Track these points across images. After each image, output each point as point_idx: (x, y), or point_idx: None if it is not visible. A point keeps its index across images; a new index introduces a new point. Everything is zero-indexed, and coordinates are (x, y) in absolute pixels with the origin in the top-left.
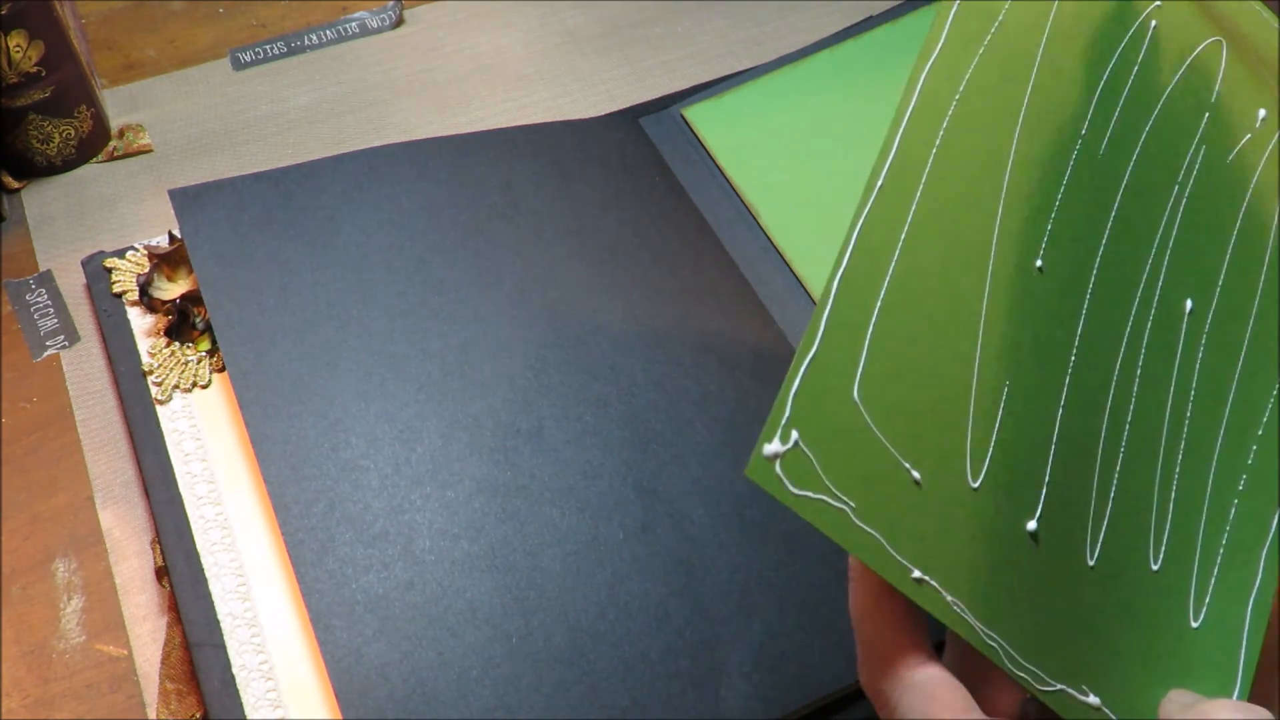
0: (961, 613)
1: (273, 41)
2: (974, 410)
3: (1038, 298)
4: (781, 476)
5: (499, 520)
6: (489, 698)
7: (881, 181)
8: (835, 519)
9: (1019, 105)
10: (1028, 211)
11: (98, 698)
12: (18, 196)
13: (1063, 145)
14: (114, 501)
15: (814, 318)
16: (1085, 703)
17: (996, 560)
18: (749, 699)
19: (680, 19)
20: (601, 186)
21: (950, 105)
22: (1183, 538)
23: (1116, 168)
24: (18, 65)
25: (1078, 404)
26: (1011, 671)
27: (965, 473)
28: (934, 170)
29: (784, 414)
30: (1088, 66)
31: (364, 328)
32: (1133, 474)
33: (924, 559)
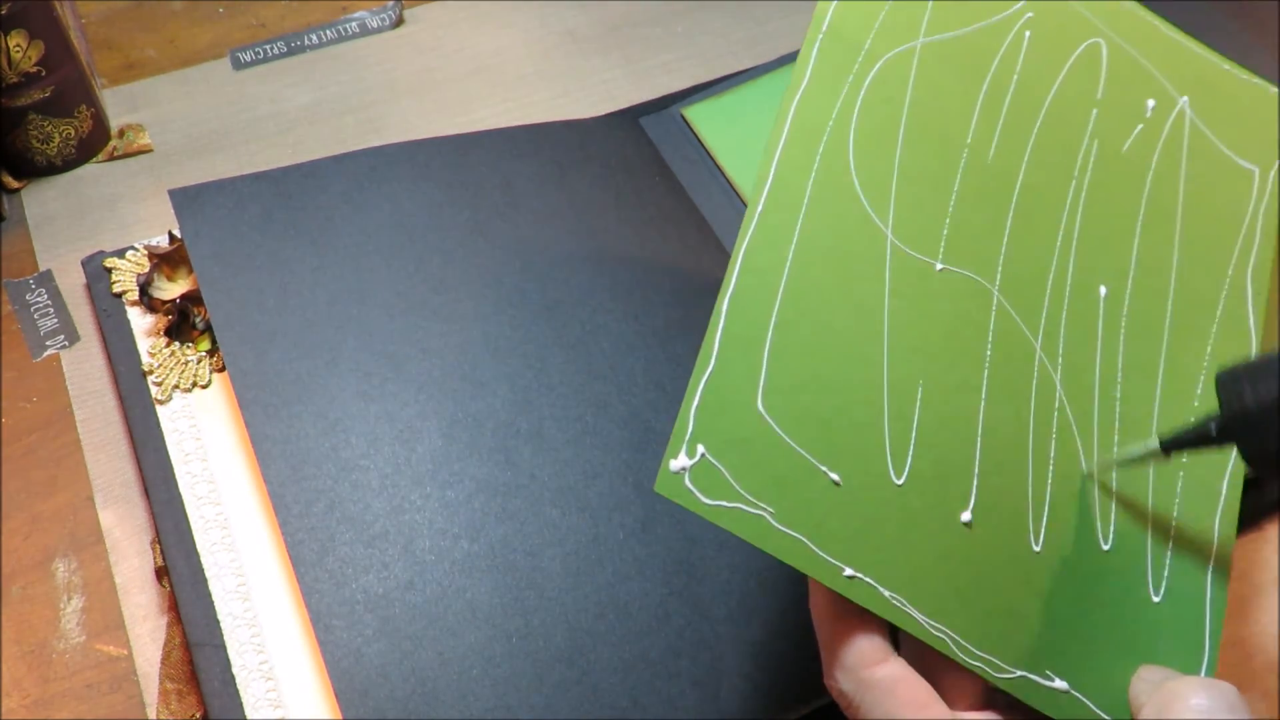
0: (903, 606)
1: (273, 41)
2: (888, 410)
3: (942, 298)
4: (692, 489)
5: (499, 520)
6: (489, 698)
7: (761, 206)
8: (754, 525)
9: (898, 121)
10: (920, 220)
11: (98, 698)
12: (18, 196)
13: (948, 155)
14: (114, 501)
15: (706, 338)
16: (1050, 688)
17: (933, 553)
18: (749, 699)
19: (680, 19)
20: (601, 186)
21: (825, 130)
22: (1131, 515)
23: (1008, 170)
24: (18, 65)
25: (1000, 395)
26: (964, 661)
27: (888, 471)
28: (815, 191)
29: (686, 430)
30: (965, 79)
31: (364, 328)
32: (1068, 458)
33: (853, 556)
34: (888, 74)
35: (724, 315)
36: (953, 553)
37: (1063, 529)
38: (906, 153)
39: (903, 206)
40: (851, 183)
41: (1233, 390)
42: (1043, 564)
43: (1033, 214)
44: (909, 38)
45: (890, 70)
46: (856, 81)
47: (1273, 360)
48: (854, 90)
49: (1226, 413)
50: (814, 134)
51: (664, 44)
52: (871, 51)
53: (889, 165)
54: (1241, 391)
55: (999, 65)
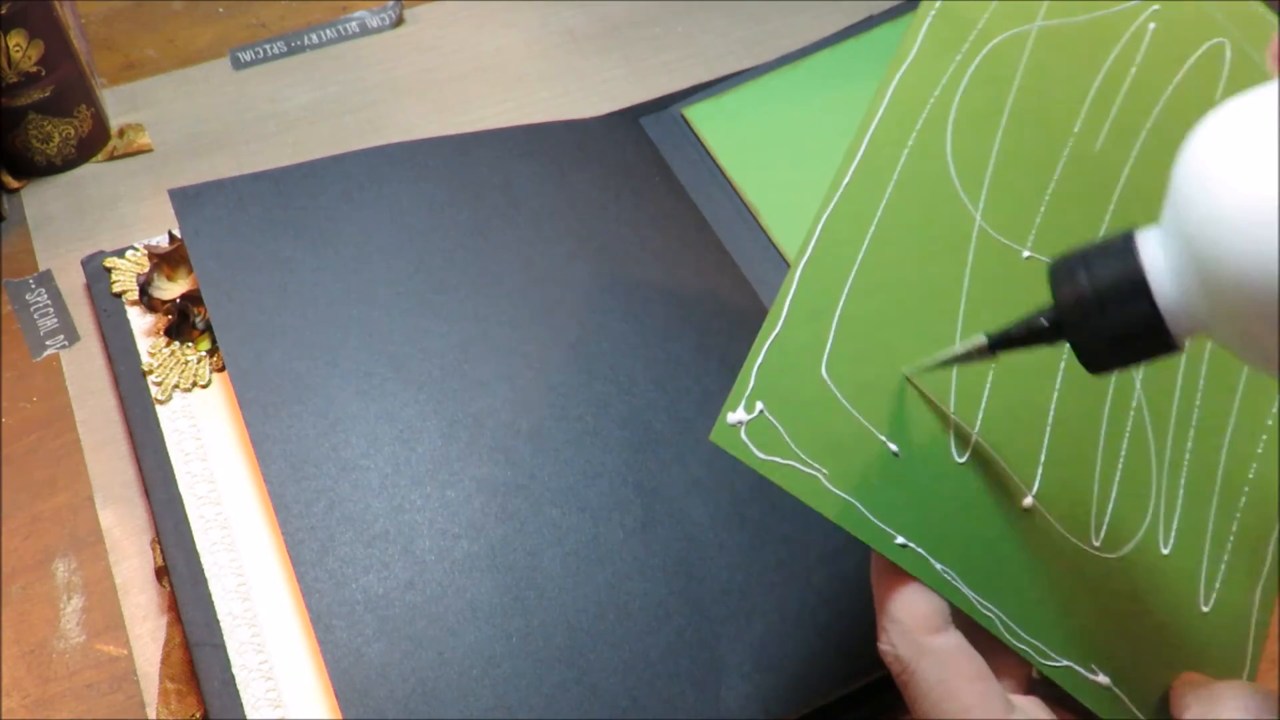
0: (954, 581)
1: (273, 41)
2: (956, 390)
3: (1025, 284)
4: (747, 442)
5: (499, 520)
6: (489, 698)
7: (849, 178)
8: (807, 484)
9: (1003, 104)
10: (1014, 205)
11: (98, 698)
12: (18, 196)
13: (1053, 142)
14: (114, 501)
15: (776, 303)
16: (1094, 681)
17: (989, 533)
18: (749, 699)
19: (680, 19)
20: (601, 186)
21: (925, 107)
22: (1193, 524)
23: (1114, 163)
24: (18, 65)
25: (1076, 388)
26: (1012, 643)
27: (949, 448)
28: (907, 166)
29: (748, 385)
30: (1079, 67)
31: (364, 328)
32: (1139, 459)
33: (907, 525)
34: (998, 55)
35: (796, 281)
36: (1010, 536)
37: (1125, 527)
38: (1008, 136)
39: (997, 190)
40: (945, 162)
41: (1066, 276)
42: (1100, 559)
43: (1134, 210)
44: (1026, 20)
45: (1002, 51)
46: (965, 60)
47: (1110, 242)
48: (961, 69)
49: (1059, 301)
50: (913, 109)
51: (664, 44)
52: (985, 31)
53: (988, 147)
54: (1076, 277)
55: (1118, 56)
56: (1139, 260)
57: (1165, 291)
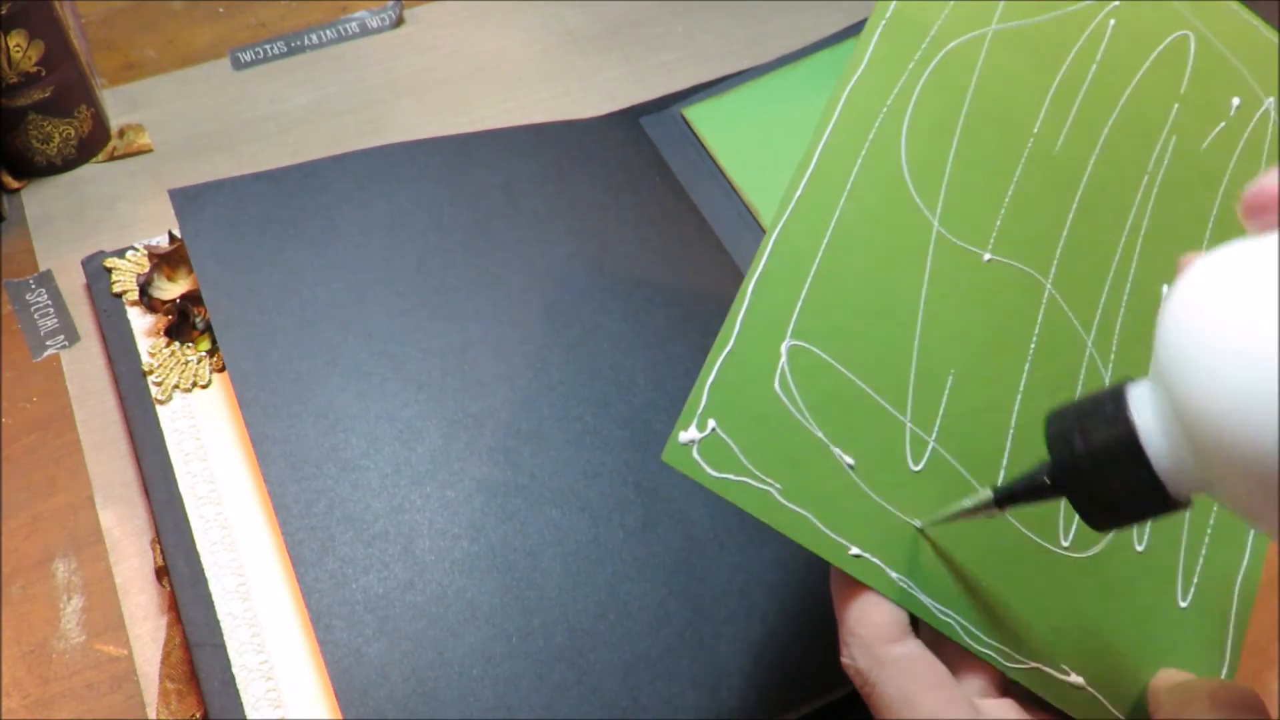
0: (910, 589)
1: (273, 41)
2: (913, 398)
3: (987, 288)
4: (699, 460)
5: (499, 520)
6: (489, 698)
7: (801, 189)
8: (760, 499)
9: (959, 109)
10: (972, 209)
11: (98, 698)
12: (18, 196)
13: (1012, 144)
14: (114, 501)
15: (729, 316)
16: (1065, 681)
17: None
18: (749, 699)
19: (680, 19)
20: (601, 186)
21: (878, 115)
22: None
23: (1076, 162)
24: (18, 65)
25: (1041, 390)
26: (973, 648)
27: (905, 457)
28: (860, 176)
29: (699, 404)
30: (1037, 68)
31: (364, 328)
32: None
33: (861, 536)
34: (953, 60)
35: (749, 295)
36: (971, 542)
37: None
38: (965, 140)
39: (954, 195)
40: (900, 169)
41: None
42: (1070, 559)
43: (1099, 207)
44: (981, 24)
45: (956, 57)
46: (918, 68)
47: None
48: (914, 76)
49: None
50: (866, 119)
51: (664, 44)
52: (938, 38)
53: (944, 153)
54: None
55: (1077, 54)
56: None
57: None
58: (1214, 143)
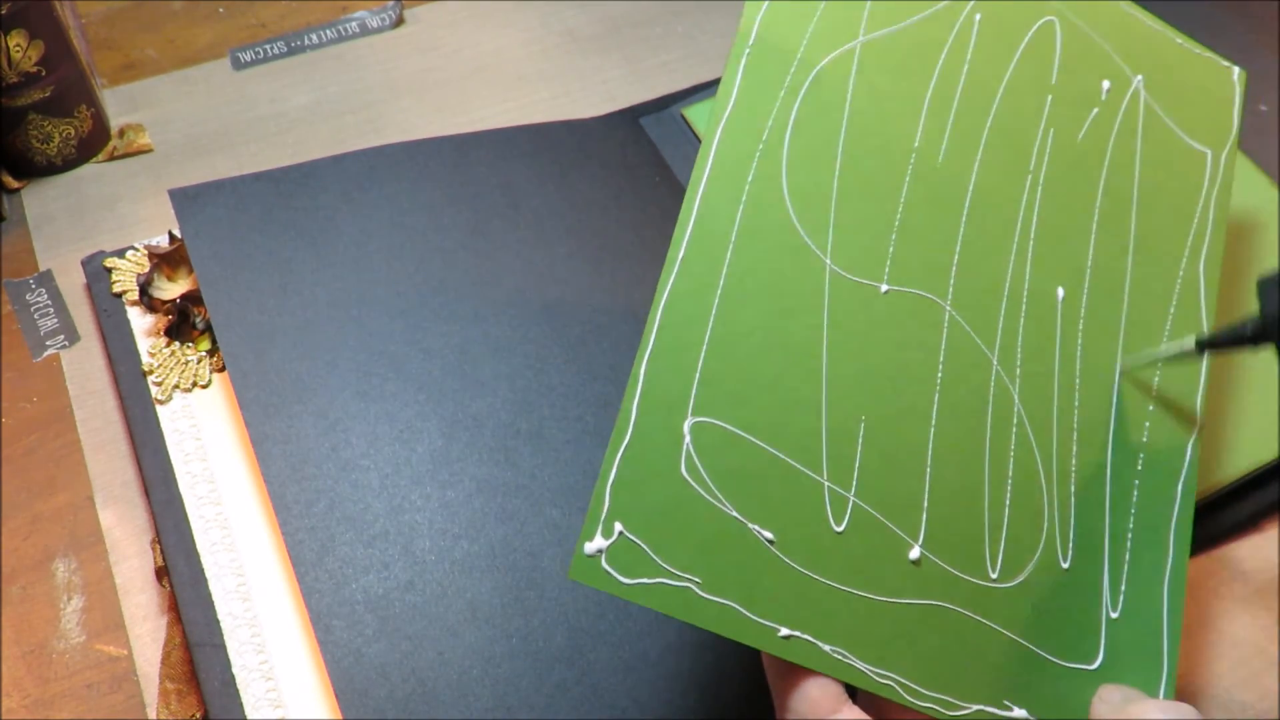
0: (845, 659)
1: (273, 41)
2: (828, 455)
3: (887, 323)
4: (609, 570)
5: (499, 520)
6: (489, 698)
7: (683, 253)
8: (679, 598)
9: (836, 134)
10: (864, 238)
11: (98, 698)
12: (18, 196)
13: (894, 164)
14: (114, 501)
15: (624, 405)
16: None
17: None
18: (749, 699)
19: (680, 19)
20: (601, 186)
21: (754, 155)
22: (1088, 529)
23: (960, 171)
24: (18, 65)
25: (952, 419)
26: (914, 705)
27: (827, 520)
28: (744, 224)
29: (603, 508)
30: (910, 77)
31: (364, 328)
32: (1026, 476)
33: (789, 616)
34: (824, 81)
35: (642, 379)
36: (900, 594)
37: (1021, 551)
38: (847, 166)
39: (844, 228)
40: (785, 209)
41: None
42: (1000, 591)
43: (987, 216)
44: (848, 38)
45: (827, 76)
46: (789, 95)
47: None
48: (787, 104)
49: (1266, 315)
50: (742, 162)
51: (664, 44)
52: (806, 59)
53: (827, 184)
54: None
55: (948, 56)
56: None
57: None
58: (1089, 131)
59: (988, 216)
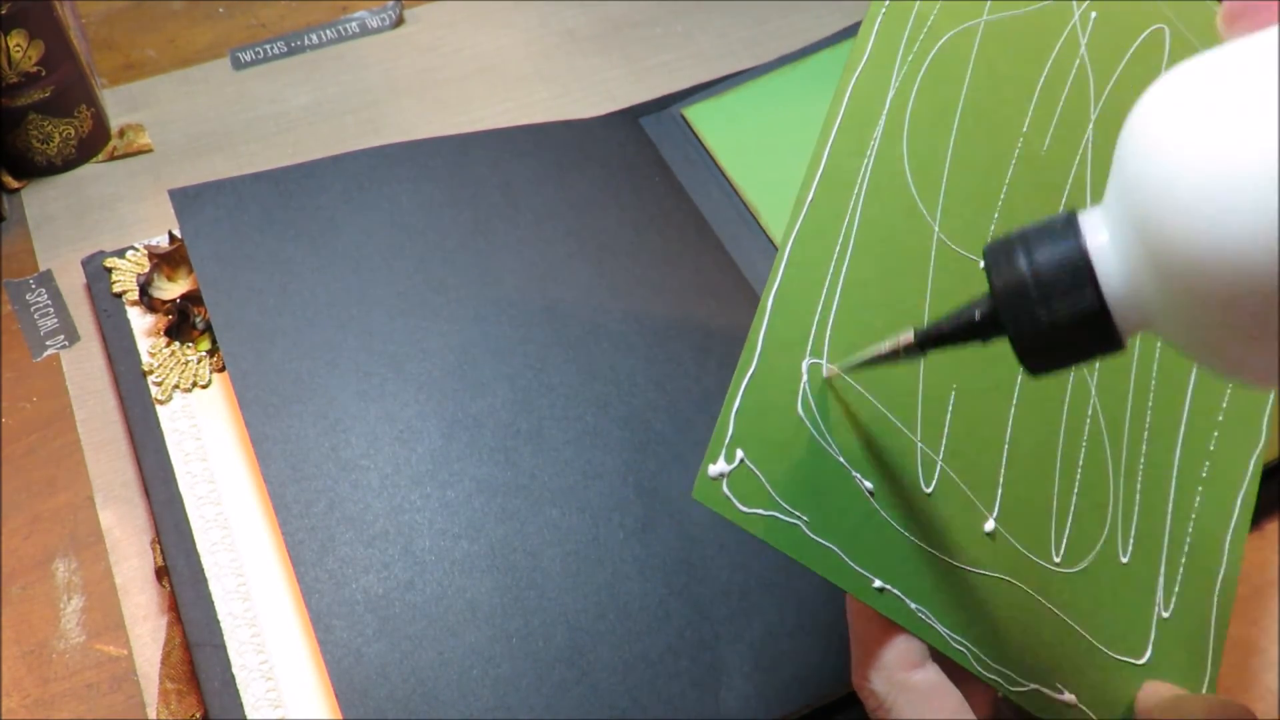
0: (927, 619)
1: (273, 41)
2: (921, 416)
3: None
4: (729, 496)
5: (499, 520)
6: (489, 698)
7: (812, 195)
8: (789, 534)
9: (955, 106)
10: (969, 213)
11: (98, 698)
12: (18, 196)
13: (1002, 145)
14: (114, 501)
15: (750, 336)
16: (1059, 700)
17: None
18: (749, 699)
19: (680, 19)
20: (601, 186)
21: (881, 114)
22: (1150, 528)
23: (1062, 163)
24: (18, 65)
25: (1032, 403)
26: (981, 674)
27: (918, 479)
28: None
29: (726, 433)
30: (1025, 63)
31: (364, 328)
32: (1096, 467)
33: (883, 568)
34: (949, 52)
35: (769, 313)
36: (976, 563)
37: (1084, 540)
38: (961, 140)
39: (953, 199)
40: (904, 171)
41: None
42: (1061, 575)
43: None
44: (974, 14)
45: (952, 48)
46: (917, 59)
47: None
48: (914, 69)
49: (996, 287)
50: (870, 116)
51: (664, 44)
52: (935, 27)
53: (942, 154)
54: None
55: (1062, 47)
56: (1082, 239)
57: (1111, 274)
58: None
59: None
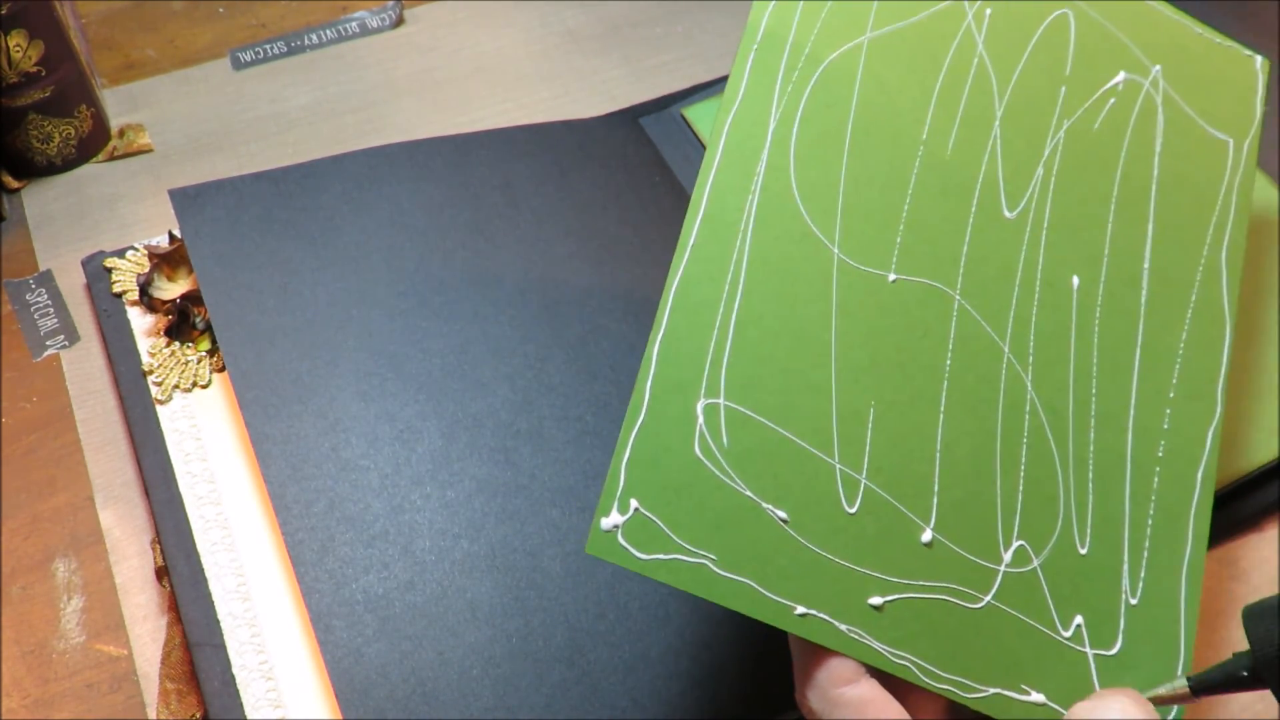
0: (860, 638)
1: (273, 41)
2: (838, 438)
3: (895, 311)
4: (626, 546)
5: (499, 520)
6: (489, 698)
7: (694, 238)
8: (695, 575)
9: (844, 127)
10: (871, 230)
11: (98, 698)
12: (18, 196)
13: (901, 156)
14: (114, 501)
15: (636, 387)
16: (1026, 702)
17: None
18: (749, 699)
19: (680, 19)
20: (601, 186)
21: (763, 148)
22: (1107, 516)
23: (969, 163)
24: (18, 65)
25: (961, 406)
26: (930, 686)
27: (839, 501)
28: (755, 214)
29: (618, 485)
30: (918, 71)
31: (364, 328)
32: (1041, 461)
33: (804, 594)
34: (831, 76)
35: (655, 360)
36: (913, 575)
37: (1036, 536)
38: (855, 158)
39: (851, 218)
40: (793, 199)
41: (1261, 629)
42: (1014, 575)
43: (997, 207)
44: (855, 34)
45: (834, 72)
46: (797, 89)
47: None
48: (794, 98)
49: (1257, 654)
50: (752, 152)
51: (664, 44)
52: (813, 55)
53: (835, 175)
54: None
55: (957, 49)
56: None
57: None
58: (1106, 120)
59: (999, 207)
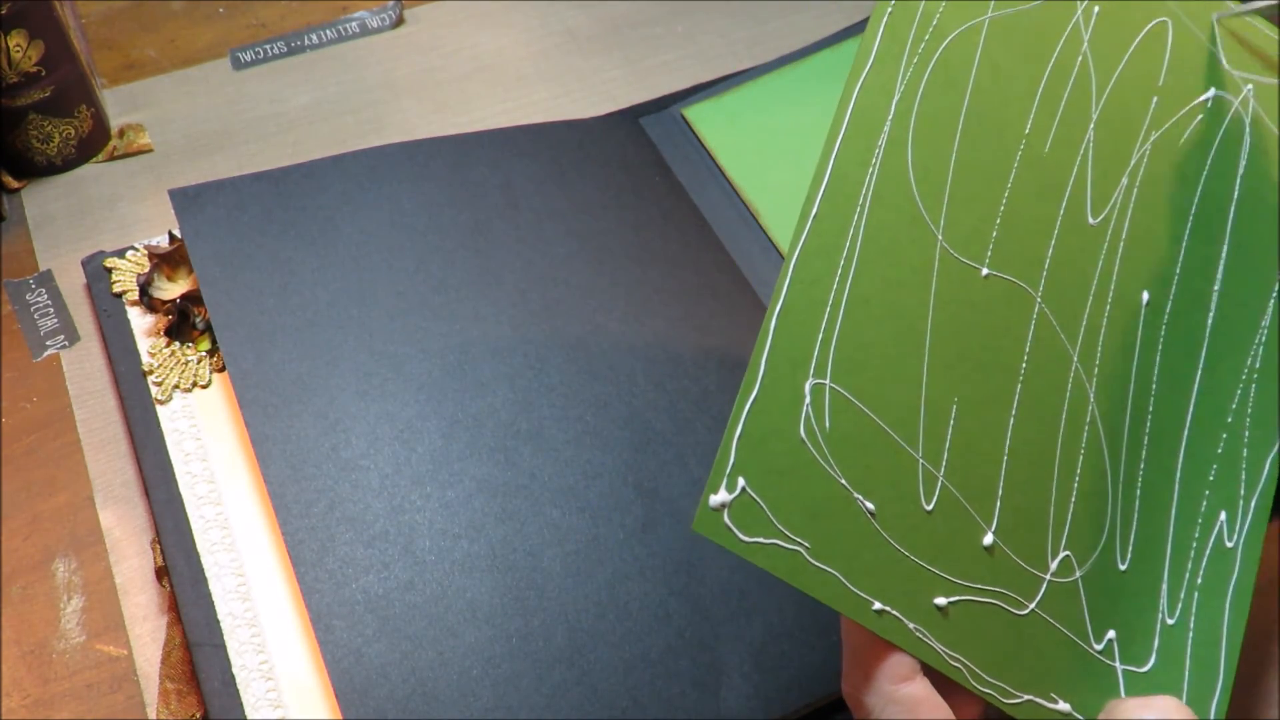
0: (924, 639)
1: (273, 41)
2: (923, 431)
3: (983, 307)
4: (731, 527)
5: (499, 520)
6: (489, 698)
7: (816, 209)
8: (789, 562)
9: (958, 111)
10: (971, 220)
11: (98, 698)
12: (18, 196)
13: (1005, 148)
14: (114, 501)
15: (753, 358)
16: (1054, 710)
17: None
18: (749, 699)
19: (680, 19)
20: (601, 186)
21: (886, 120)
22: (1150, 535)
23: (1062, 165)
24: (18, 65)
25: (1031, 410)
26: (977, 690)
27: (919, 496)
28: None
29: (728, 461)
30: (1029, 62)
31: (364, 328)
32: (1094, 475)
33: (883, 590)
34: (954, 52)
35: (771, 334)
36: (973, 579)
37: (1081, 549)
38: (965, 144)
39: (956, 206)
40: (908, 180)
41: None
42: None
43: (1083, 213)
44: (979, 10)
45: (956, 48)
46: (923, 61)
47: None
48: (919, 72)
49: None
50: (876, 123)
51: (664, 44)
52: (939, 28)
53: (946, 158)
54: None
55: (1064, 45)
56: None
57: None
58: (1192, 136)
59: (1083, 213)
